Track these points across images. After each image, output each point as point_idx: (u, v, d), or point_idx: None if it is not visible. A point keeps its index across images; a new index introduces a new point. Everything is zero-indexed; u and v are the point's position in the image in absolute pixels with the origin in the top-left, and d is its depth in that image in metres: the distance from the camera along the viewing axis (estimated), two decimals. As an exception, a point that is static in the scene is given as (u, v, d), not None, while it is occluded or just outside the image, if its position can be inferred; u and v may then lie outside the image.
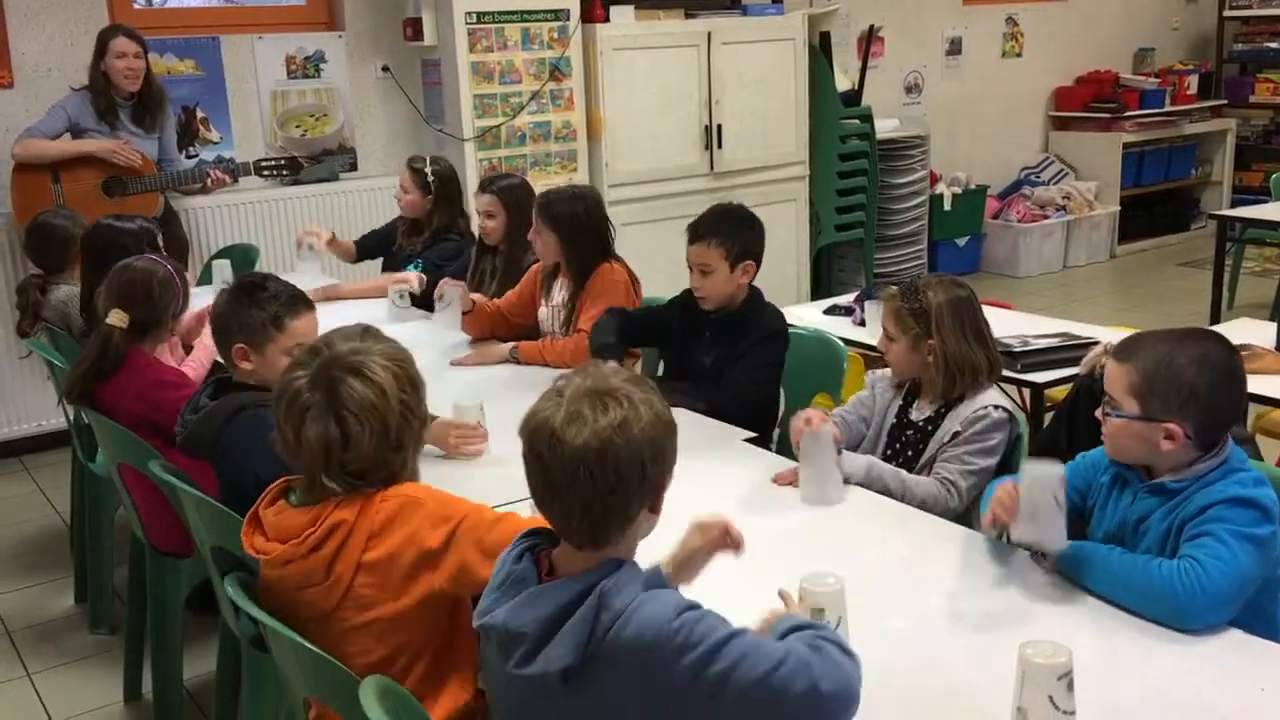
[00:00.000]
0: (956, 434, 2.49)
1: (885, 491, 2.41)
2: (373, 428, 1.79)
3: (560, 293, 3.60)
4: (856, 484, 2.41)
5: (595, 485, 1.43)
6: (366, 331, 1.92)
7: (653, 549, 1.60)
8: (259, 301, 2.46)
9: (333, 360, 1.82)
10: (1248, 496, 1.87)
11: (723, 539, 1.74)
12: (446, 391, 2.86)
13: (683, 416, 2.89)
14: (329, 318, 2.50)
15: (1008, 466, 2.55)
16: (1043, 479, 1.91)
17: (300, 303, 2.51)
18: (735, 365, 3.06)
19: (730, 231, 3.07)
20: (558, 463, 1.44)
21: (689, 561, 1.72)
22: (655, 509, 1.53)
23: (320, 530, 1.78)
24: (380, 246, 4.66)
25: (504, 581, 1.52)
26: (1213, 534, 1.84)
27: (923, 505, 2.39)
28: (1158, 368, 1.95)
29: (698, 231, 3.09)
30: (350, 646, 1.80)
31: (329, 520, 1.78)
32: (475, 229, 4.17)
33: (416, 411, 1.87)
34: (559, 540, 1.52)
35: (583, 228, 3.47)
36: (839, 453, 2.39)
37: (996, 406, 2.50)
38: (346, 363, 1.81)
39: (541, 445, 1.45)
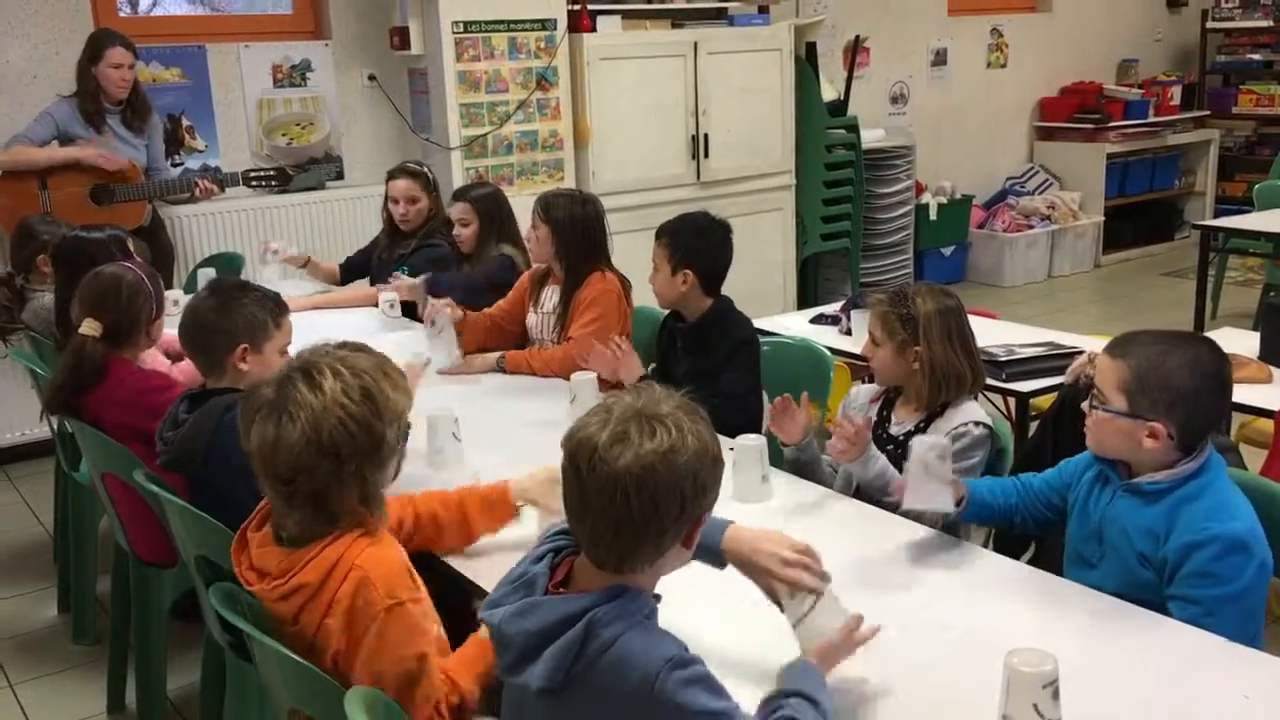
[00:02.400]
0: None
1: (885, 491, 2.40)
2: (303, 427, 1.70)
3: (550, 300, 3.60)
4: (869, 479, 2.41)
5: (630, 511, 1.39)
6: (345, 344, 1.89)
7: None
8: (255, 300, 2.50)
9: (296, 363, 1.80)
10: (1238, 541, 1.89)
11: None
12: (430, 402, 2.86)
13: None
14: (321, 329, 2.50)
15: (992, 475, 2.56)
16: (915, 448, 2.04)
17: (282, 302, 2.60)
18: (719, 375, 3.07)
19: (678, 237, 3.14)
20: (595, 482, 1.41)
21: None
22: (689, 544, 1.49)
23: (286, 587, 1.76)
24: (365, 264, 4.64)
25: (517, 578, 1.51)
26: (1225, 598, 1.87)
27: (919, 518, 2.39)
28: (1149, 367, 1.96)
29: (658, 230, 3.20)
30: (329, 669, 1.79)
31: (295, 579, 1.75)
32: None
33: (364, 424, 1.74)
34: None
35: (579, 231, 3.47)
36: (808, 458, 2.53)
37: (977, 423, 2.50)
38: (303, 364, 1.78)
39: (581, 461, 1.42)
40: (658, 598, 1.50)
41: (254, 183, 4.97)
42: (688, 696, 1.37)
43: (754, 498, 2.41)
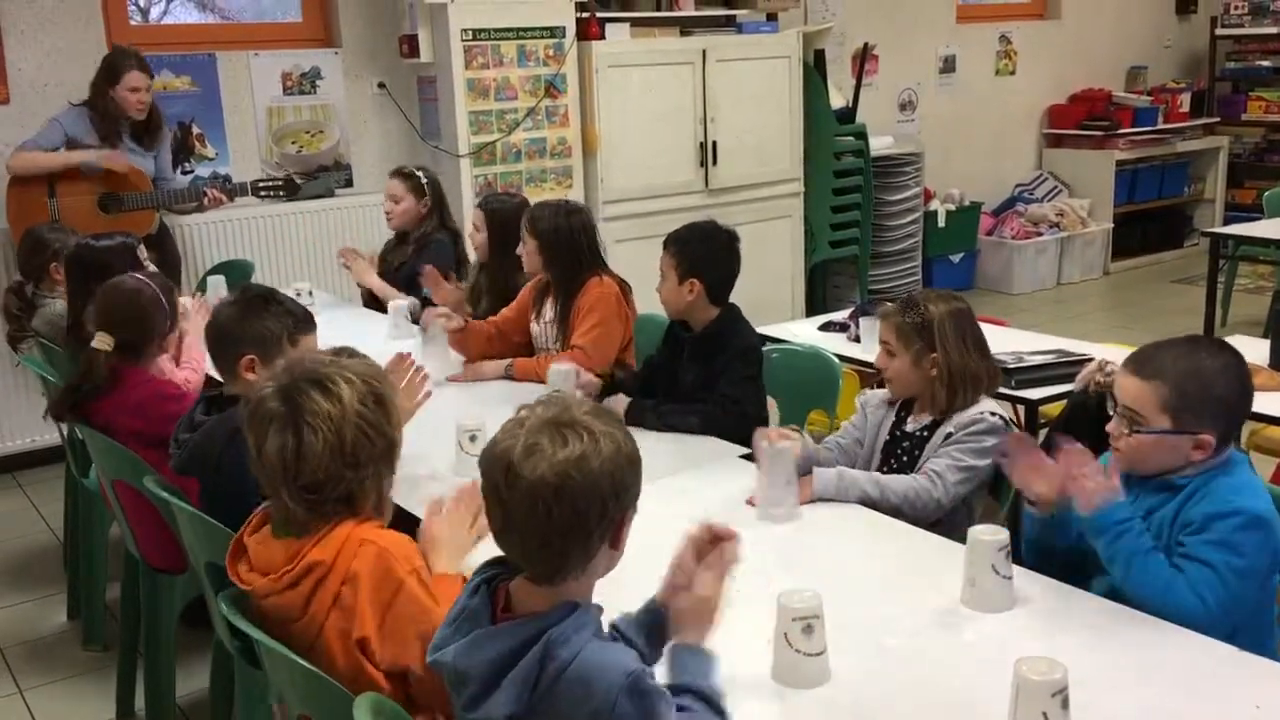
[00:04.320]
0: (949, 435, 2.51)
1: (864, 498, 2.41)
2: (326, 437, 1.74)
3: (552, 309, 3.60)
4: (831, 499, 2.41)
5: (552, 520, 1.40)
6: (341, 350, 1.92)
7: (616, 584, 1.57)
8: (275, 314, 2.48)
9: (299, 373, 1.81)
10: (1261, 519, 1.90)
11: (707, 542, 1.59)
12: (442, 408, 2.87)
13: (677, 434, 2.93)
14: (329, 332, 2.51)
15: (1002, 477, 2.55)
16: (977, 547, 1.95)
17: (310, 320, 2.56)
18: (716, 382, 3.08)
19: (685, 246, 3.13)
20: (514, 496, 1.41)
21: (678, 579, 1.63)
22: (616, 545, 1.49)
23: (297, 569, 1.76)
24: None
25: (458, 616, 1.50)
26: (1238, 570, 1.88)
27: (905, 501, 2.40)
28: (1188, 380, 1.98)
29: (666, 240, 3.19)
30: (337, 672, 1.79)
31: (306, 559, 1.76)
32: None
33: (380, 429, 1.81)
34: (518, 570, 1.50)
35: (565, 241, 3.48)
36: (806, 471, 2.44)
37: (993, 413, 2.52)
38: (311, 375, 1.80)
39: (499, 477, 1.43)
40: (599, 609, 1.50)
41: (263, 193, 4.99)
42: (648, 706, 1.37)
43: (780, 504, 2.39)
